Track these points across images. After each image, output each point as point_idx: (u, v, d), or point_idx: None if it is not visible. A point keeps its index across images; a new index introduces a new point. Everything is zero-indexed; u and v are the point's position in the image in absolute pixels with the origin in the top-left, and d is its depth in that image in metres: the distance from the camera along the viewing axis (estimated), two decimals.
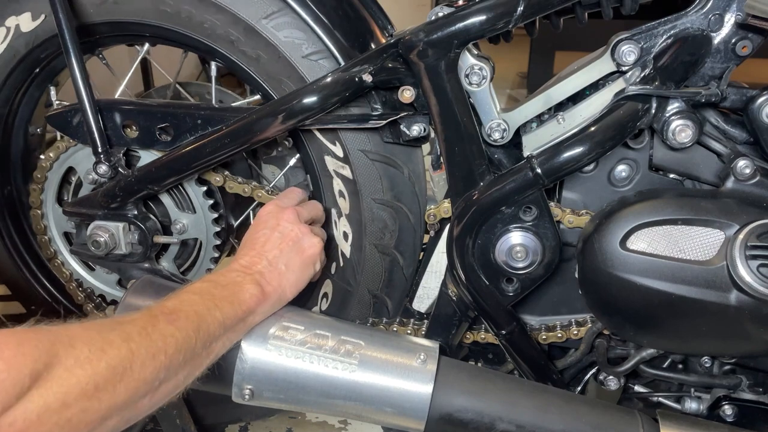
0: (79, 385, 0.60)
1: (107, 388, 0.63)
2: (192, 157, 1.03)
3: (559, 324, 1.04)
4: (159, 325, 0.72)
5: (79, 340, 0.62)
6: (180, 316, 0.76)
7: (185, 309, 0.77)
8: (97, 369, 0.62)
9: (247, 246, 0.94)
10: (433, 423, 0.89)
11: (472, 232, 0.95)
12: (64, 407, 0.59)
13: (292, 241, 0.94)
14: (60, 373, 0.58)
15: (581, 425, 0.90)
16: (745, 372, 0.99)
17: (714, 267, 0.83)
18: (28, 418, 0.55)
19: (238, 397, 0.90)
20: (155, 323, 0.72)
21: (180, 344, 0.73)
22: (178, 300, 0.79)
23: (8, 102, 1.15)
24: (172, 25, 1.03)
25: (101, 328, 0.66)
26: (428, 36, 0.90)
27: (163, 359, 0.70)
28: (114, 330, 0.67)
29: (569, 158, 0.88)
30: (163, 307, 0.77)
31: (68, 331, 0.63)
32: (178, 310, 0.77)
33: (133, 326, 0.70)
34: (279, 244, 0.93)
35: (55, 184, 1.17)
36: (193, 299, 0.80)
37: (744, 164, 0.85)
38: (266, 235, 0.94)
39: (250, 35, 1.01)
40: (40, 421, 0.57)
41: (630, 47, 0.89)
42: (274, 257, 0.92)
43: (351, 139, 1.02)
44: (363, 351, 0.90)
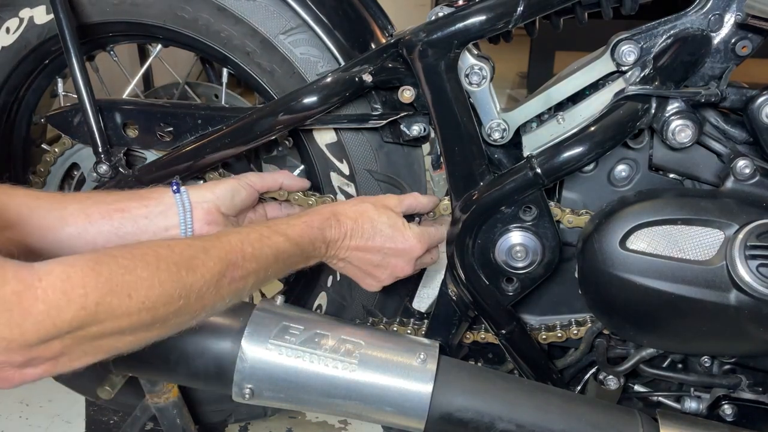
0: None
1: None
2: (192, 157, 1.03)
3: (559, 324, 1.04)
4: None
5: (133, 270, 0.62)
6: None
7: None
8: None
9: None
10: (433, 422, 0.90)
11: (472, 232, 0.95)
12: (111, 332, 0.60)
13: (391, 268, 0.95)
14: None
15: (581, 425, 0.90)
16: (745, 372, 0.99)
17: (714, 267, 0.83)
18: (65, 343, 0.56)
19: (238, 396, 0.90)
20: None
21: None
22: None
23: (15, 90, 1.15)
24: (189, 31, 1.04)
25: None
26: (428, 36, 0.90)
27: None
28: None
29: (569, 158, 0.88)
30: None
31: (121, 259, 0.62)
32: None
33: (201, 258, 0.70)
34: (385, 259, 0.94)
35: (58, 179, 1.17)
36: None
37: (744, 164, 0.85)
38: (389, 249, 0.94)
39: (267, 49, 1.01)
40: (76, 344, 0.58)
41: (630, 47, 0.89)
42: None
43: (357, 158, 1.04)
44: (363, 350, 0.90)
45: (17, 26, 1.08)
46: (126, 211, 0.88)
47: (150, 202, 0.90)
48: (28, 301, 0.53)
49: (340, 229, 0.90)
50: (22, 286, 0.53)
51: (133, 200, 0.90)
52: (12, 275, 0.53)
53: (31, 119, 1.22)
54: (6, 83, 1.12)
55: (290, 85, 1.02)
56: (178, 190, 0.92)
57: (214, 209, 0.93)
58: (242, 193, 0.96)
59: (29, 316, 0.53)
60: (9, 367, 0.54)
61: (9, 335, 0.52)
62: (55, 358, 0.57)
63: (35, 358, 0.55)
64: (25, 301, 0.52)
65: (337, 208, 0.92)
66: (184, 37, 1.05)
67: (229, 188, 0.95)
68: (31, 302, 0.53)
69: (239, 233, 0.77)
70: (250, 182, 0.98)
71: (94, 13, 1.05)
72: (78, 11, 1.05)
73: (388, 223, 0.94)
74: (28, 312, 0.53)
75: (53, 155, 1.14)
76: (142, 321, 0.62)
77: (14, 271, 0.53)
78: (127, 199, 0.90)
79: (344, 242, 0.91)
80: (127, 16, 1.05)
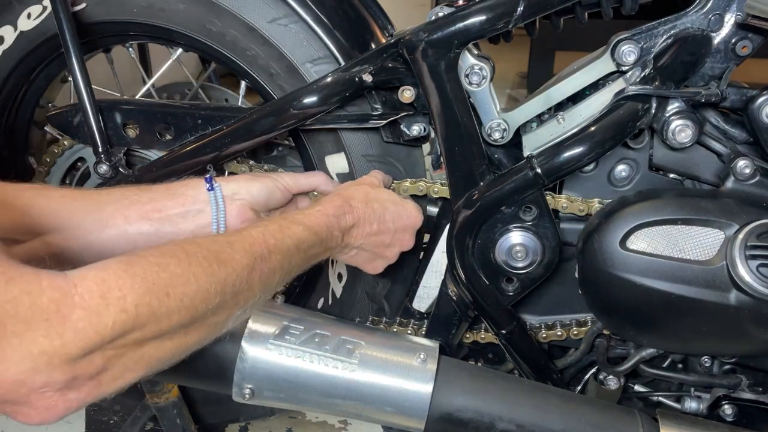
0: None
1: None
2: (192, 157, 1.03)
3: (559, 323, 1.04)
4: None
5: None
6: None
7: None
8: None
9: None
10: (433, 422, 0.90)
11: (472, 232, 0.95)
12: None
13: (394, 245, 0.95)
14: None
15: (581, 425, 0.90)
16: (745, 372, 0.99)
17: (714, 267, 0.83)
18: (107, 356, 0.54)
19: (239, 396, 0.90)
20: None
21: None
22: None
23: (29, 73, 1.14)
24: (215, 43, 1.04)
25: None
26: (428, 36, 0.90)
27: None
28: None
29: (569, 158, 0.88)
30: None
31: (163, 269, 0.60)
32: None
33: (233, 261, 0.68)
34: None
35: (62, 171, 1.17)
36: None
37: (744, 164, 0.85)
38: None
39: (292, 74, 1.02)
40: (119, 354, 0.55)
41: (630, 47, 0.89)
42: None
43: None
44: (363, 350, 0.90)
45: (39, 13, 1.07)
46: (163, 211, 0.87)
47: (186, 200, 0.89)
48: (67, 308, 0.50)
49: (354, 215, 0.89)
50: (58, 293, 0.50)
51: (169, 198, 0.89)
52: (47, 284, 0.50)
53: (39, 101, 1.21)
54: (17, 67, 1.11)
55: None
56: (212, 187, 0.90)
57: (248, 207, 0.91)
58: (277, 195, 0.95)
59: (69, 323, 0.50)
60: (51, 391, 0.50)
61: (50, 348, 0.49)
62: (98, 376, 0.54)
63: (78, 377, 0.52)
64: (63, 308, 0.49)
65: (345, 194, 0.91)
66: (209, 48, 1.05)
67: (265, 189, 0.93)
68: (69, 309, 0.50)
69: (258, 227, 0.76)
70: (286, 185, 0.96)
71: (120, 11, 1.05)
72: (105, 7, 1.05)
73: (389, 199, 0.94)
74: (68, 319, 0.50)
75: (62, 147, 1.14)
76: (181, 321, 0.60)
77: (48, 279, 0.50)
78: (162, 198, 0.88)
79: (358, 229, 0.90)
80: (154, 19, 1.05)
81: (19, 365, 0.48)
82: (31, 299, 0.48)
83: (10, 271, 0.48)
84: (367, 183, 0.95)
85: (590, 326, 1.01)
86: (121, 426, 1.26)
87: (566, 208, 0.94)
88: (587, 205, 0.94)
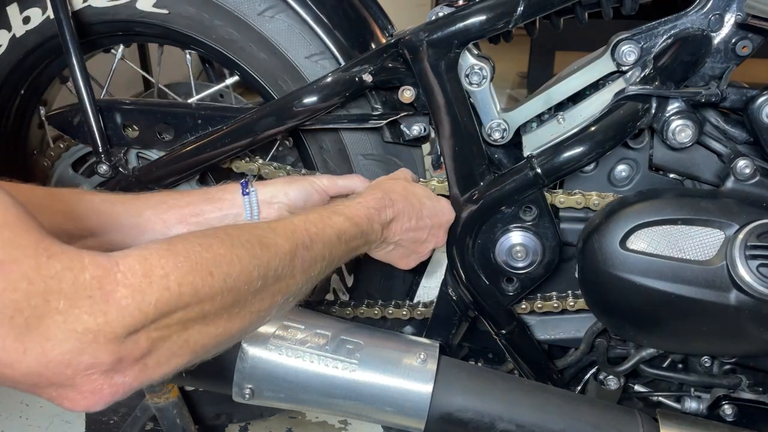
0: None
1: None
2: (192, 157, 1.03)
3: None
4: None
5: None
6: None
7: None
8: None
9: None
10: (433, 422, 0.90)
11: (472, 232, 0.95)
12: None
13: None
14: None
15: (581, 425, 0.90)
16: (745, 372, 0.99)
17: (714, 267, 0.83)
18: (152, 337, 0.53)
19: (239, 396, 0.90)
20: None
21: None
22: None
23: (45, 57, 1.13)
24: (234, 55, 1.04)
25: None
26: (428, 36, 0.90)
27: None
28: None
29: (569, 158, 0.89)
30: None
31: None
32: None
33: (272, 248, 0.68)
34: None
35: (65, 166, 1.16)
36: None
37: (744, 164, 0.85)
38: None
39: (288, 68, 1.03)
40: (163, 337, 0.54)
41: (630, 47, 0.89)
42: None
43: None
44: (363, 350, 0.90)
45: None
46: (201, 215, 0.88)
47: (223, 204, 0.89)
48: (110, 285, 0.49)
49: (394, 209, 0.88)
50: (101, 271, 0.49)
51: (206, 203, 0.89)
52: (89, 261, 0.49)
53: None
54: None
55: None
56: (247, 192, 0.90)
57: (285, 210, 0.91)
58: (315, 197, 0.94)
59: (113, 301, 0.49)
60: (97, 373, 0.49)
61: (95, 325, 0.48)
62: (143, 359, 0.53)
63: (123, 359, 0.51)
64: (106, 285, 0.49)
65: (385, 186, 0.90)
66: (227, 60, 1.05)
67: (303, 191, 0.93)
68: (112, 286, 0.49)
69: (299, 216, 0.76)
70: (323, 187, 0.95)
71: (139, 15, 1.05)
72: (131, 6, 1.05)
73: (425, 194, 0.94)
74: (111, 296, 0.49)
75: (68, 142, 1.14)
76: (224, 303, 0.59)
77: (91, 257, 0.49)
78: (200, 202, 0.89)
79: (397, 223, 0.89)
80: (176, 26, 1.04)
81: (64, 344, 0.47)
82: (74, 275, 0.48)
83: (52, 248, 0.48)
84: (402, 178, 0.95)
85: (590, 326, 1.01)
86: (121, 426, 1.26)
87: (563, 203, 0.94)
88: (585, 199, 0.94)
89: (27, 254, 0.46)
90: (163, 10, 1.03)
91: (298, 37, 1.01)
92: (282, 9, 1.00)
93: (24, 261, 0.46)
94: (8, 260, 0.45)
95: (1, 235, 0.46)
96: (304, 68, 1.01)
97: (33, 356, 0.46)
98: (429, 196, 0.94)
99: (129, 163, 1.10)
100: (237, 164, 1.05)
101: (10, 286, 0.45)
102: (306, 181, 0.95)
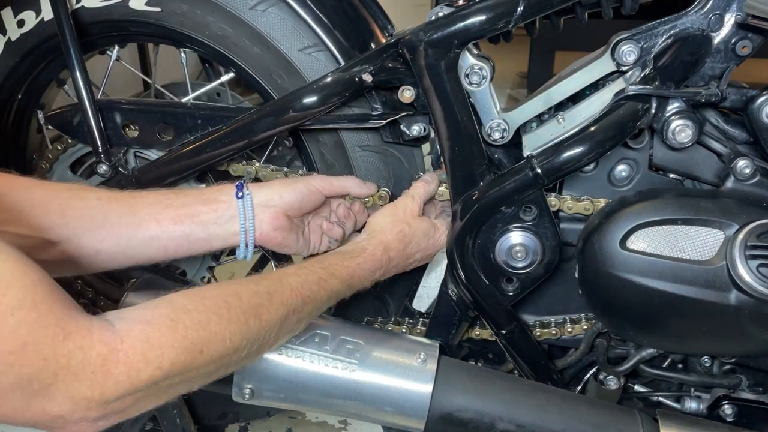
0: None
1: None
2: (192, 157, 1.03)
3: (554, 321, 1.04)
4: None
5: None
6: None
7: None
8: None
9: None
10: (433, 422, 0.90)
11: (472, 232, 0.95)
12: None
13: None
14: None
15: (581, 425, 0.90)
16: (745, 372, 0.99)
17: (714, 267, 0.83)
18: (137, 397, 0.60)
19: (238, 396, 0.90)
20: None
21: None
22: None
23: (41, 60, 1.13)
24: (227, 50, 1.04)
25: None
26: (428, 36, 0.90)
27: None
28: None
29: (569, 158, 0.88)
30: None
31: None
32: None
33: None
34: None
35: (64, 168, 1.16)
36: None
37: (744, 164, 0.85)
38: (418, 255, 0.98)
39: (284, 64, 1.03)
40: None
41: (630, 47, 0.89)
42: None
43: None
44: (363, 350, 0.90)
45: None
46: (195, 217, 0.88)
47: (219, 206, 0.90)
48: (111, 364, 0.56)
49: (390, 265, 0.93)
50: (106, 349, 0.56)
51: (202, 204, 0.89)
52: (97, 338, 0.56)
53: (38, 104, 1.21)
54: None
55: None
56: (242, 195, 0.90)
57: (281, 214, 0.92)
58: (311, 199, 0.95)
59: (111, 377, 0.56)
60: (84, 422, 0.57)
61: (90, 395, 0.55)
62: (126, 411, 0.60)
63: (109, 413, 0.59)
64: (108, 363, 0.56)
65: (387, 243, 0.93)
66: (220, 55, 1.05)
67: (298, 194, 0.94)
68: (113, 364, 0.56)
69: (299, 275, 0.79)
70: (318, 188, 0.96)
71: (132, 13, 1.05)
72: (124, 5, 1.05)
73: (424, 232, 0.97)
74: (110, 374, 0.56)
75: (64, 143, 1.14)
76: (209, 372, 0.67)
77: (99, 333, 0.56)
78: (196, 203, 0.89)
79: (390, 270, 0.94)
80: (169, 23, 1.04)
81: (62, 406, 0.55)
82: (83, 354, 0.55)
83: (69, 326, 0.55)
84: (407, 219, 0.96)
85: (590, 326, 1.01)
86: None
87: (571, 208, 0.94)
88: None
89: (47, 334, 0.53)
90: (156, 8, 1.03)
91: (291, 30, 1.01)
92: (274, 2, 1.00)
93: (43, 342, 0.53)
94: (31, 341, 0.52)
95: (29, 316, 0.52)
96: (299, 61, 1.01)
97: (34, 413, 0.54)
98: (427, 233, 0.97)
99: (128, 163, 1.11)
100: (234, 167, 1.05)
101: (28, 363, 0.52)
102: (302, 183, 0.95)
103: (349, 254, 0.89)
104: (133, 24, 1.05)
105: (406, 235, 0.94)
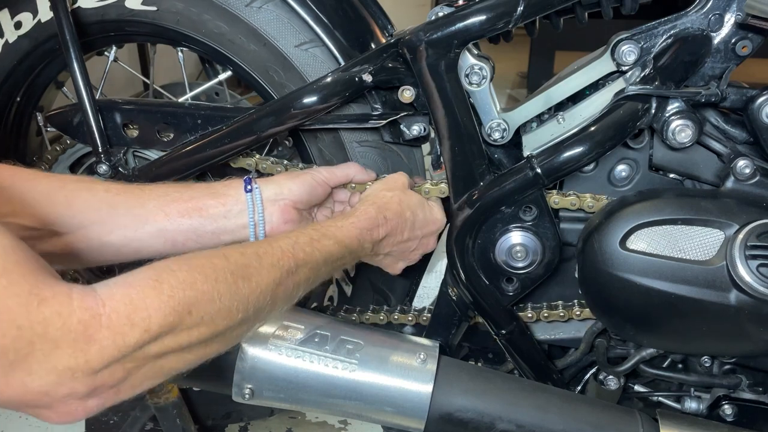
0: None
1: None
2: (192, 157, 1.03)
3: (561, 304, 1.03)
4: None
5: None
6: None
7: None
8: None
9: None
10: (433, 422, 0.90)
11: (472, 232, 0.95)
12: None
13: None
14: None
15: (581, 425, 0.90)
16: (745, 372, 0.99)
17: (714, 267, 0.83)
18: (127, 367, 0.56)
19: (238, 396, 0.90)
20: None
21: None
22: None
23: (39, 62, 1.14)
24: (224, 48, 1.04)
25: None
26: (428, 36, 0.90)
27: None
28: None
29: (569, 158, 0.88)
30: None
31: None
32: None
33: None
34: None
35: (63, 169, 1.17)
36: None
37: (744, 164, 0.85)
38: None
39: (282, 62, 1.03)
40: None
41: (630, 47, 0.89)
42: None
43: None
44: (363, 350, 0.90)
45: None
46: (204, 210, 0.88)
47: (227, 200, 0.89)
48: (93, 329, 0.52)
49: (387, 226, 0.90)
50: (87, 314, 0.52)
51: (210, 197, 0.89)
52: (78, 304, 0.52)
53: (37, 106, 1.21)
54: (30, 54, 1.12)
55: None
56: (250, 189, 0.90)
57: (290, 206, 0.91)
58: (318, 190, 0.95)
59: (94, 343, 0.52)
60: (73, 399, 0.54)
61: (74, 364, 0.52)
62: (117, 385, 0.56)
63: (99, 387, 0.55)
64: (89, 328, 0.52)
65: (381, 204, 0.91)
66: (217, 53, 1.05)
67: (305, 186, 0.93)
68: (96, 329, 0.53)
69: (289, 237, 0.77)
70: (324, 178, 0.96)
71: (128, 13, 1.05)
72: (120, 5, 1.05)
73: (419, 204, 0.95)
74: (93, 339, 0.52)
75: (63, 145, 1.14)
76: (201, 336, 0.62)
77: (80, 299, 0.53)
78: (203, 197, 0.89)
79: (389, 239, 0.91)
80: (165, 22, 1.04)
81: (43, 378, 0.51)
82: (62, 320, 0.51)
83: (43, 292, 0.51)
84: (399, 187, 0.95)
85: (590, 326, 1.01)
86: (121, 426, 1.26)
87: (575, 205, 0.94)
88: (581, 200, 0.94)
89: (19, 302, 0.49)
90: (152, 7, 1.03)
91: (286, 27, 1.01)
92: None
93: (15, 309, 0.49)
94: (2, 309, 0.48)
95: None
96: (295, 57, 1.01)
97: (15, 388, 0.50)
98: (422, 206, 0.96)
99: (128, 163, 1.11)
100: (234, 160, 1.05)
101: (0, 333, 0.48)
102: (308, 175, 0.95)
103: (341, 216, 0.89)
104: (129, 24, 1.05)
105: (402, 200, 0.93)
